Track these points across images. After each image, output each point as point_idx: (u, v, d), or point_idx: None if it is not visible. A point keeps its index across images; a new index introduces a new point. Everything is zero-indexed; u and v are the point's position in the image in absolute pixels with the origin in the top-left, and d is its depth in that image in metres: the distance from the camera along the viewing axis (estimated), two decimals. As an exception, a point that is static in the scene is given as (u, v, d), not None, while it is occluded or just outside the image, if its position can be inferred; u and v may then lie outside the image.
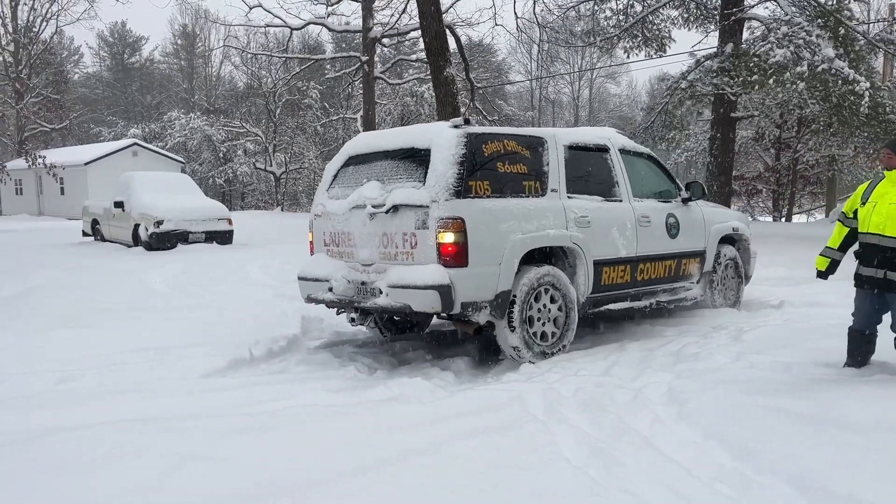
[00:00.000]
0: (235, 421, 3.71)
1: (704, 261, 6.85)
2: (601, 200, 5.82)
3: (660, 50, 17.90)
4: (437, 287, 4.76)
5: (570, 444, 3.39)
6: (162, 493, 2.83)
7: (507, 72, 44.70)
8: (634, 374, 4.75)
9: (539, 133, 5.68)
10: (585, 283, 5.61)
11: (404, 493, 2.87)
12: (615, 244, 5.82)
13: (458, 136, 5.03)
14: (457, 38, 17.04)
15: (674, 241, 6.43)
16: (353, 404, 4.10)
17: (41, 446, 3.32)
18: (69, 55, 49.65)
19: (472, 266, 4.83)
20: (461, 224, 4.79)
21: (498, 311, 5.02)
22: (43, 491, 2.84)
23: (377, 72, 23.69)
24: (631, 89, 63.73)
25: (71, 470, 3.01)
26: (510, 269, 5.02)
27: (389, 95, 31.46)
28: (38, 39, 37.60)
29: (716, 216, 7.09)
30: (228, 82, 51.82)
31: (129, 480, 2.92)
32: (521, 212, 5.16)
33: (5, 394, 4.52)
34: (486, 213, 4.95)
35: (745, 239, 7.48)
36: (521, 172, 5.31)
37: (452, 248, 4.79)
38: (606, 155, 6.08)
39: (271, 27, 23.88)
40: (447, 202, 4.81)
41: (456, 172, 4.88)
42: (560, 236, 5.38)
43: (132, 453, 3.18)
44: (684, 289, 6.67)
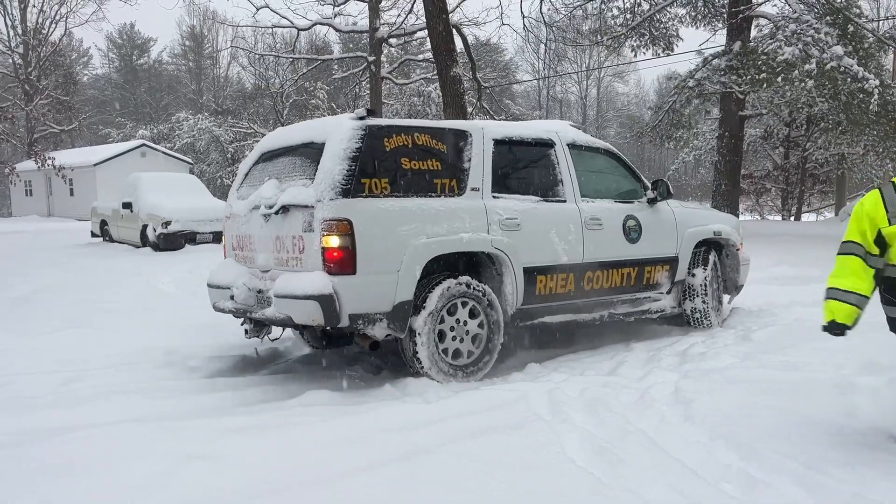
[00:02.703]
0: (240, 420, 3.71)
1: (676, 268, 6.12)
2: (537, 200, 5.21)
3: (667, 48, 17.85)
4: (317, 297, 4.24)
5: (574, 443, 3.37)
6: (164, 492, 2.83)
7: (515, 71, 44.66)
8: (641, 374, 4.73)
9: (463, 126, 5.11)
10: (514, 293, 4.99)
11: (408, 491, 2.86)
12: (553, 249, 5.19)
13: (353, 128, 4.51)
14: (463, 38, 17.02)
15: (634, 246, 5.73)
16: (358, 403, 4.10)
17: (46, 447, 3.32)
18: (78, 57, 49.91)
19: (362, 273, 4.30)
20: (347, 226, 4.26)
21: (397, 324, 4.45)
22: (46, 491, 2.85)
23: (384, 72, 23.69)
24: (639, 88, 63.56)
25: (75, 470, 3.02)
26: (411, 278, 4.46)
27: (396, 95, 31.49)
28: (48, 41, 37.84)
29: (692, 218, 6.33)
30: (236, 83, 52.02)
31: (132, 480, 2.92)
32: (428, 213, 4.59)
33: (11, 394, 4.53)
34: (380, 214, 4.41)
35: (732, 244, 6.66)
36: (432, 169, 4.75)
37: (338, 253, 4.26)
38: (550, 150, 5.45)
39: (278, 28, 23.94)
40: (332, 202, 4.28)
41: (345, 169, 4.36)
42: (476, 240, 4.77)
43: (136, 453, 3.18)
44: (650, 299, 5.97)
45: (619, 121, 61.04)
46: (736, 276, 6.76)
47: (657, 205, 6.02)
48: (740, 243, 6.76)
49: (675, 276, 6.13)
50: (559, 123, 5.95)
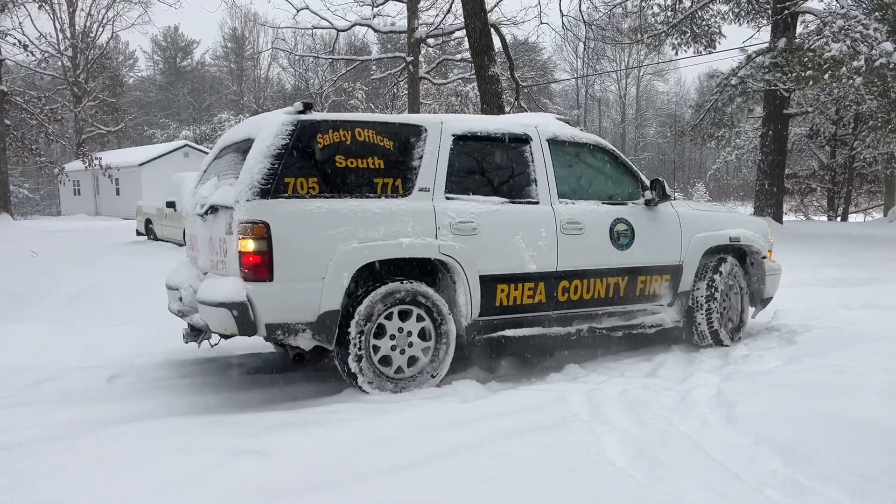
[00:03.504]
0: (283, 416, 3.77)
1: (679, 278, 5.51)
2: (501, 202, 4.73)
3: (709, 46, 17.59)
4: (229, 305, 3.97)
5: (614, 445, 3.35)
6: (211, 485, 2.90)
7: (553, 70, 44.42)
8: (681, 376, 4.68)
9: (417, 120, 4.68)
10: (468, 303, 4.58)
11: (446, 491, 2.88)
12: (518, 256, 4.71)
13: (281, 124, 4.20)
14: (501, 37, 16.99)
15: (624, 252, 5.16)
16: (397, 401, 4.13)
17: (95, 440, 3.42)
18: (124, 60, 51.14)
19: (280, 280, 4.00)
20: (264, 229, 3.96)
21: (324, 334, 4.14)
22: (95, 483, 2.94)
23: (422, 72, 23.79)
24: (679, 87, 62.74)
25: (124, 463, 3.11)
26: (338, 285, 4.12)
27: (434, 95, 31.58)
28: (95, 45, 38.83)
29: (702, 222, 5.66)
30: (276, 84, 52.76)
31: (180, 473, 2.99)
32: (362, 215, 4.23)
33: (61, 388, 4.69)
34: (303, 216, 4.07)
35: (755, 251, 5.97)
36: (374, 168, 4.38)
37: (253, 258, 3.96)
38: (525, 147, 4.94)
39: (318, 29, 24.19)
40: (248, 203, 3.99)
41: (266, 167, 4.06)
42: (419, 246, 4.36)
43: (183, 446, 3.26)
44: (645, 312, 5.39)
45: (659, 120, 60.34)
46: (761, 286, 6.05)
47: (657, 207, 5.40)
48: (768, 250, 6.12)
49: (679, 287, 5.51)
50: (542, 117, 5.41)
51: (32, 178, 42.44)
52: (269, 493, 2.83)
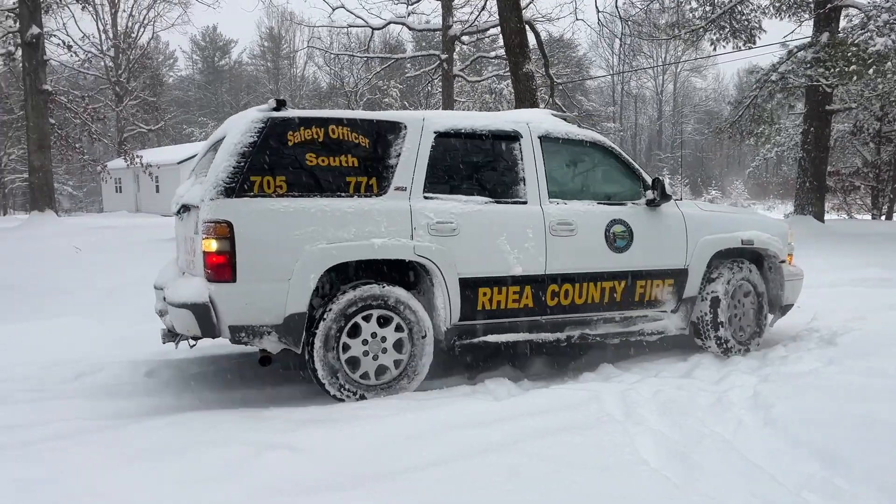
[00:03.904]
0: (314, 412, 3.80)
1: (685, 283, 5.21)
2: (485, 202, 4.54)
3: (749, 41, 17.26)
4: (190, 306, 3.90)
5: (648, 445, 3.31)
6: (242, 478, 2.94)
7: (588, 67, 44.04)
8: (717, 377, 4.60)
9: (396, 117, 4.51)
10: (447, 307, 4.39)
11: (478, 489, 2.87)
12: (502, 258, 4.51)
13: (251, 121, 4.11)
14: (536, 34, 16.89)
15: (621, 255, 4.90)
16: (428, 399, 4.14)
17: (133, 431, 3.50)
18: (164, 59, 52.09)
19: (244, 282, 3.90)
20: (226, 229, 3.86)
21: (290, 338, 4.02)
22: (130, 473, 3.01)
23: (456, 69, 23.78)
24: (718, 83, 61.76)
25: (160, 454, 3.17)
26: (304, 287, 3.99)
27: (469, 93, 31.55)
28: (136, 45, 39.62)
29: (711, 223, 5.34)
30: (312, 82, 53.27)
31: (213, 466, 3.04)
32: (332, 215, 4.09)
33: (101, 380, 4.80)
34: (268, 215, 3.96)
35: (772, 255, 5.61)
36: (345, 166, 4.24)
37: (216, 258, 3.87)
38: (514, 144, 4.74)
39: (353, 27, 24.35)
40: (212, 202, 3.90)
41: (232, 165, 3.97)
42: (393, 247, 4.20)
43: (217, 440, 3.31)
44: (646, 319, 5.10)
45: (697, 116, 59.50)
46: (779, 292, 5.67)
47: (660, 208, 5.11)
48: (787, 254, 5.75)
49: (684, 293, 5.22)
50: (537, 113, 5.20)
51: (76, 175, 43.51)
52: (299, 488, 2.86)
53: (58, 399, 4.35)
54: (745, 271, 5.45)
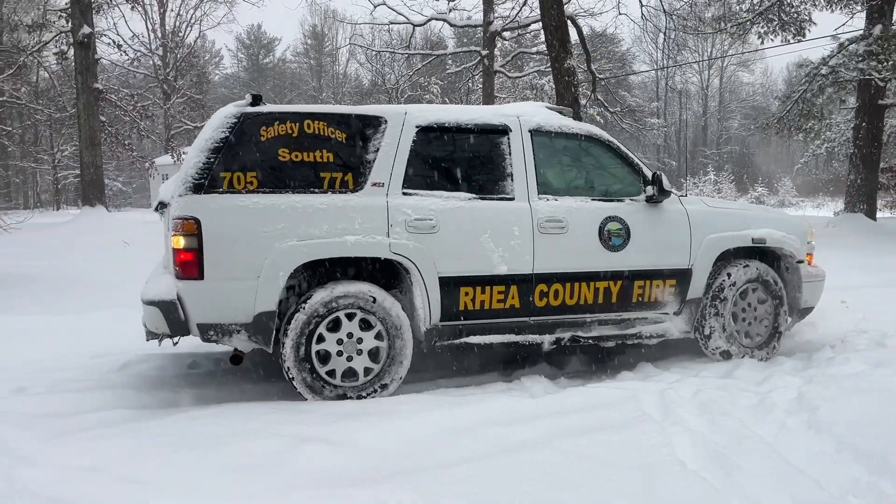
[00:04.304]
0: (350, 405, 3.84)
1: (688, 284, 4.94)
2: (468, 198, 4.38)
3: (798, 34, 16.83)
4: (158, 303, 3.88)
5: (686, 446, 3.26)
6: (279, 470, 2.98)
7: (632, 62, 43.44)
8: (760, 378, 4.49)
9: (376, 112, 4.41)
10: (424, 306, 4.26)
11: (512, 486, 2.86)
12: (486, 257, 4.35)
13: (224, 116, 4.07)
14: (578, 29, 16.74)
15: (617, 254, 4.67)
16: (463, 395, 4.14)
17: (172, 422, 3.59)
18: (210, 57, 53.06)
19: (211, 279, 3.86)
20: (194, 225, 3.83)
21: (260, 336, 3.97)
22: (171, 462, 3.08)
23: (497, 65, 23.71)
24: (766, 77, 60.33)
25: (199, 444, 3.23)
26: (273, 285, 3.93)
27: (509, 89, 31.42)
28: (184, 44, 40.43)
29: (718, 221, 5.05)
30: (354, 80, 53.68)
31: (251, 457, 3.10)
32: (303, 211, 4.00)
33: (141, 372, 4.93)
34: (236, 212, 3.90)
35: (788, 254, 5.27)
36: (320, 161, 4.15)
37: (184, 255, 3.84)
38: (502, 139, 4.58)
39: (395, 24, 24.45)
40: (181, 198, 3.88)
41: (202, 161, 3.94)
42: (367, 244, 4.09)
43: (255, 431, 3.37)
44: (645, 321, 4.86)
45: (744, 112, 58.27)
46: (797, 295, 5.31)
47: (661, 204, 4.86)
48: (807, 254, 5.39)
49: (688, 294, 4.94)
50: (530, 106, 4.98)
51: (125, 171, 44.68)
52: (334, 481, 2.89)
53: (104, 389, 4.47)
54: (756, 272, 5.11)
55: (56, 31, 21.21)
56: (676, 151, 59.70)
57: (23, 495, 2.79)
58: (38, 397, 4.31)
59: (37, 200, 41.07)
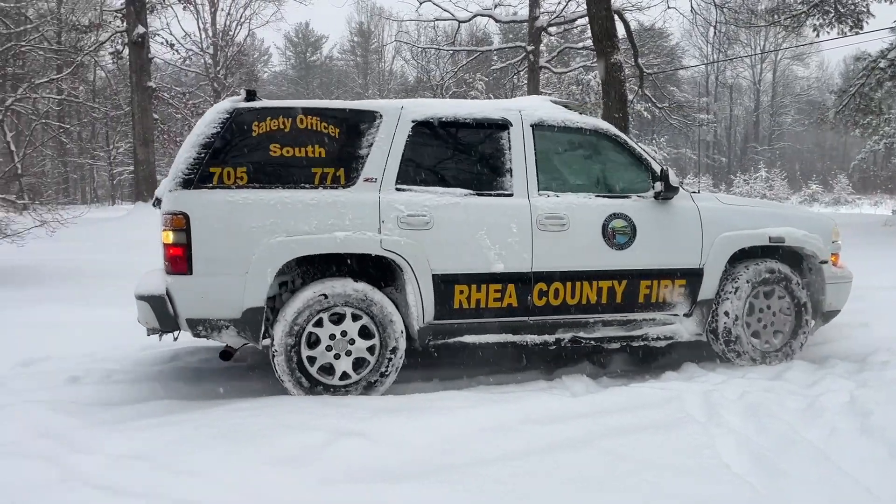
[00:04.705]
0: (390, 401, 3.86)
1: (699, 284, 4.74)
2: (464, 194, 4.29)
3: (856, 27, 16.26)
4: (147, 298, 3.95)
5: (731, 449, 3.19)
6: (318, 463, 3.02)
7: (681, 56, 42.64)
8: (810, 381, 4.37)
9: (371, 106, 4.35)
10: (418, 304, 4.19)
11: (553, 485, 2.85)
12: (482, 254, 4.26)
13: (216, 112, 4.08)
14: (626, 24, 16.49)
15: (622, 253, 4.52)
16: (503, 392, 4.13)
17: (214, 415, 3.66)
18: (259, 56, 53.90)
19: (199, 274, 3.88)
20: (182, 220, 3.85)
21: (249, 332, 3.98)
22: (216, 453, 3.15)
23: (542, 61, 23.54)
24: (821, 71, 58.50)
25: (241, 437, 3.30)
26: (261, 281, 3.92)
27: (555, 84, 31.15)
28: (234, 42, 41.17)
29: (732, 219, 4.83)
30: (399, 76, 53.90)
31: (291, 450, 3.14)
32: (292, 207, 3.98)
33: (195, 364, 5.05)
34: (225, 207, 3.90)
35: (811, 254, 5.01)
36: (311, 157, 4.11)
37: (173, 250, 3.88)
38: (501, 133, 4.46)
39: (440, 21, 24.46)
40: (171, 193, 3.92)
41: (193, 157, 3.95)
42: (357, 241, 4.05)
43: (294, 425, 3.42)
44: (653, 322, 4.70)
45: (798, 107, 56.66)
46: (820, 297, 5.05)
47: (671, 201, 4.68)
48: (831, 254, 5.12)
49: (699, 295, 4.75)
50: (533, 100, 4.84)
51: (177, 168, 45.66)
52: (372, 475, 2.92)
53: (153, 380, 4.60)
54: (774, 272, 4.87)
55: (112, 32, 21.84)
56: (726, 148, 58.43)
57: (76, 482, 2.89)
58: (91, 387, 4.46)
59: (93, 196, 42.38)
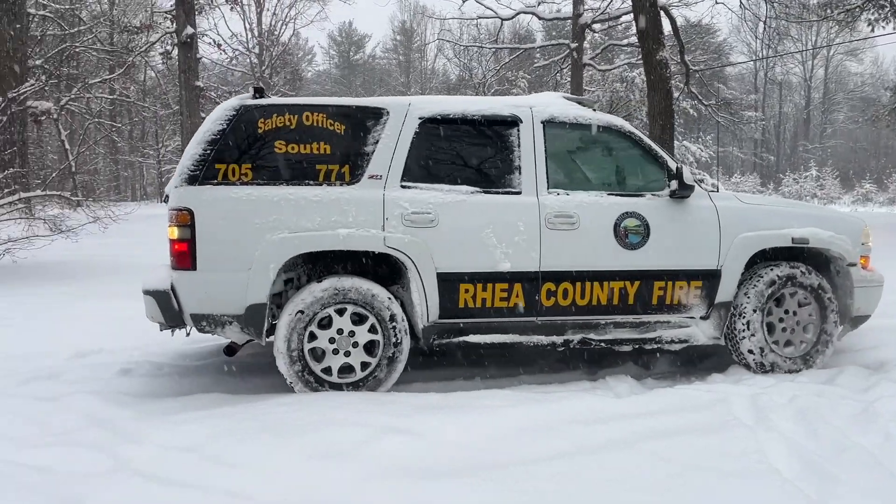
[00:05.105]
0: (432, 398, 3.87)
1: (717, 286, 4.57)
2: (470, 192, 4.24)
3: (913, 20, 15.72)
4: (152, 292, 3.98)
5: (780, 454, 3.11)
6: (361, 458, 3.05)
7: (728, 53, 41.78)
8: (864, 385, 4.24)
9: (378, 103, 4.31)
10: (422, 303, 4.15)
11: (597, 486, 2.82)
12: (487, 253, 4.19)
13: (224, 108, 4.13)
14: (672, 20, 16.21)
15: (634, 252, 4.39)
16: (546, 392, 4.10)
17: (265, 406, 3.73)
18: (303, 55, 54.56)
19: (204, 270, 3.91)
20: (187, 216, 3.90)
21: (252, 328, 4.00)
22: (262, 446, 3.21)
23: (586, 58, 23.31)
24: (876, 67, 56.70)
25: (288, 430, 3.35)
26: (263, 278, 3.93)
27: (598, 82, 30.81)
28: (279, 42, 41.76)
29: (753, 219, 4.64)
30: (441, 75, 53.98)
31: (334, 444, 3.18)
32: (296, 204, 3.99)
33: (241, 359, 5.12)
34: (229, 203, 3.93)
35: (838, 256, 4.78)
36: (316, 154, 4.11)
37: (178, 245, 3.92)
38: (510, 130, 4.39)
39: (483, 19, 24.41)
40: (177, 189, 3.96)
41: (198, 154, 3.99)
42: (360, 238, 4.03)
43: (340, 420, 3.45)
44: (666, 325, 4.55)
45: (851, 104, 55.02)
46: (848, 301, 4.82)
47: (688, 200, 4.53)
48: (861, 256, 4.89)
49: (716, 297, 4.58)
50: (545, 96, 4.77)
51: (223, 166, 46.50)
52: (416, 471, 2.93)
53: (202, 373, 4.70)
54: (796, 274, 4.65)
55: (161, 33, 22.35)
56: (775, 146, 57.05)
57: (128, 472, 2.97)
58: (141, 379, 4.58)
59: (143, 193, 43.46)
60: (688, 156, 30.27)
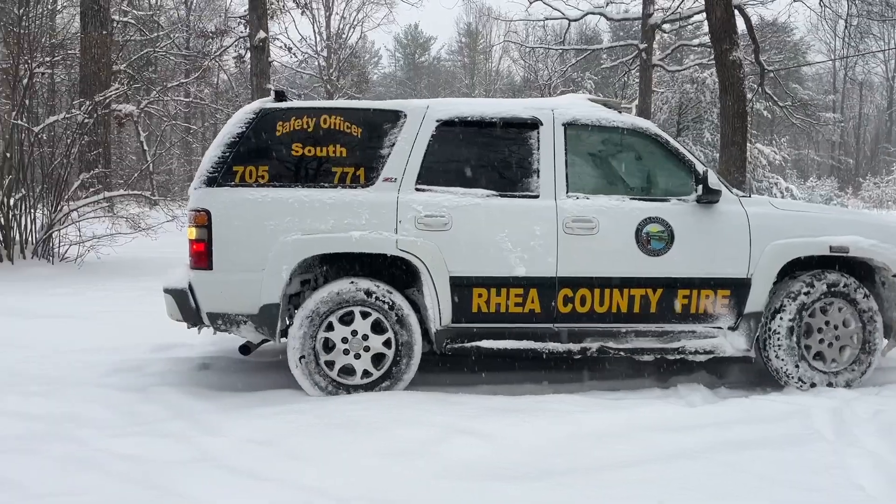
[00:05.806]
0: (500, 401, 3.89)
1: (746, 295, 4.36)
2: (486, 195, 4.18)
3: None
4: (171, 291, 4.12)
5: (864, 469, 3.00)
6: (429, 457, 3.10)
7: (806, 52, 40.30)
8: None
9: (395, 106, 4.31)
10: (434, 307, 4.12)
11: (669, 496, 2.78)
12: (502, 257, 4.12)
13: (244, 112, 4.23)
14: (746, 19, 15.75)
15: (657, 259, 4.24)
16: (616, 398, 4.06)
17: (336, 405, 3.81)
18: (370, 57, 55.31)
19: (219, 270, 4.01)
20: (205, 217, 4.00)
21: (265, 328, 4.06)
22: (333, 443, 3.28)
23: (655, 59, 22.87)
24: (966, 65, 53.62)
25: (359, 428, 3.43)
26: (277, 278, 3.98)
27: (668, 83, 30.19)
28: (346, 45, 42.48)
29: (787, 225, 4.41)
30: (506, 76, 53.86)
31: (404, 443, 3.23)
32: (310, 206, 4.04)
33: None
34: (246, 205, 4.02)
35: (882, 265, 4.49)
36: (332, 156, 4.16)
37: (196, 245, 4.02)
38: (530, 133, 4.32)
39: (550, 20, 24.26)
40: (196, 191, 4.08)
41: (218, 155, 4.10)
42: (372, 240, 4.04)
43: (411, 420, 3.51)
44: (693, 335, 4.37)
45: (935, 104, 52.31)
46: (894, 314, 4.59)
47: (717, 205, 4.34)
48: None
49: (746, 307, 4.37)
50: (568, 98, 4.68)
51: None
52: (484, 473, 2.95)
53: (275, 370, 4.82)
54: (835, 285, 4.41)
55: (235, 37, 23.03)
56: (854, 149, 54.72)
57: (210, 463, 3.09)
58: (220, 373, 4.74)
59: (214, 193, 44.77)
60: (761, 159, 29.35)
